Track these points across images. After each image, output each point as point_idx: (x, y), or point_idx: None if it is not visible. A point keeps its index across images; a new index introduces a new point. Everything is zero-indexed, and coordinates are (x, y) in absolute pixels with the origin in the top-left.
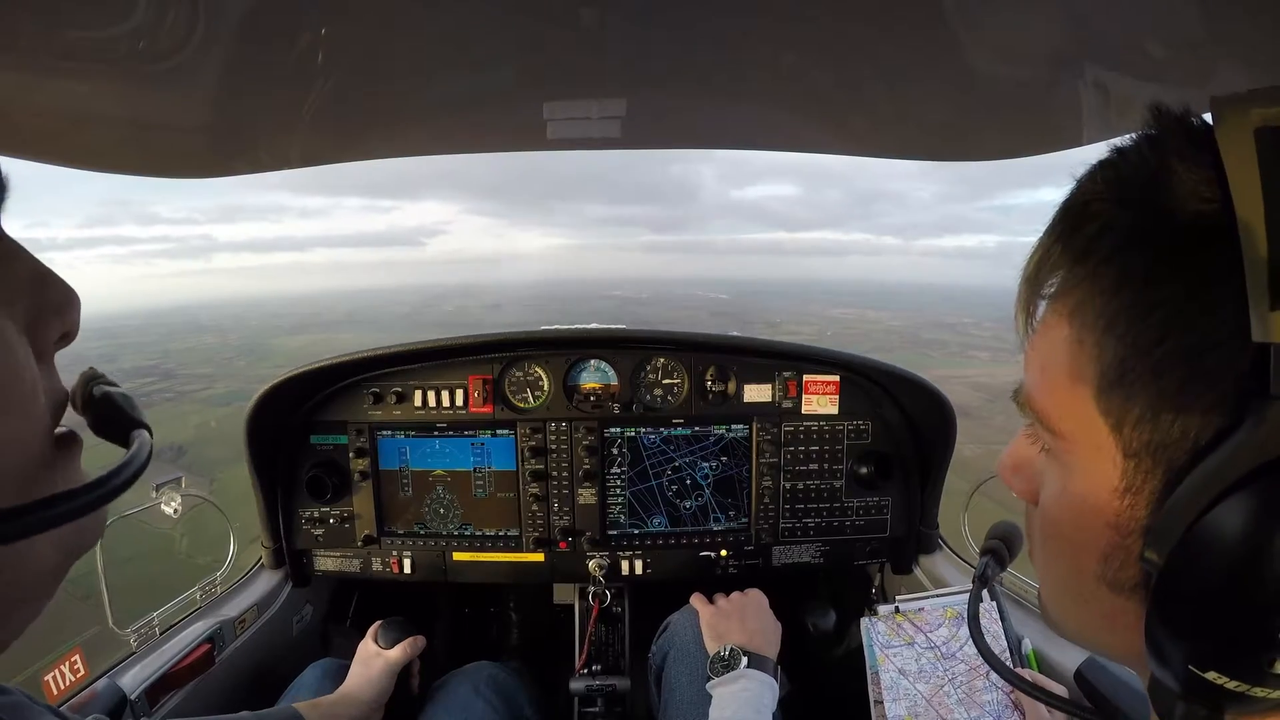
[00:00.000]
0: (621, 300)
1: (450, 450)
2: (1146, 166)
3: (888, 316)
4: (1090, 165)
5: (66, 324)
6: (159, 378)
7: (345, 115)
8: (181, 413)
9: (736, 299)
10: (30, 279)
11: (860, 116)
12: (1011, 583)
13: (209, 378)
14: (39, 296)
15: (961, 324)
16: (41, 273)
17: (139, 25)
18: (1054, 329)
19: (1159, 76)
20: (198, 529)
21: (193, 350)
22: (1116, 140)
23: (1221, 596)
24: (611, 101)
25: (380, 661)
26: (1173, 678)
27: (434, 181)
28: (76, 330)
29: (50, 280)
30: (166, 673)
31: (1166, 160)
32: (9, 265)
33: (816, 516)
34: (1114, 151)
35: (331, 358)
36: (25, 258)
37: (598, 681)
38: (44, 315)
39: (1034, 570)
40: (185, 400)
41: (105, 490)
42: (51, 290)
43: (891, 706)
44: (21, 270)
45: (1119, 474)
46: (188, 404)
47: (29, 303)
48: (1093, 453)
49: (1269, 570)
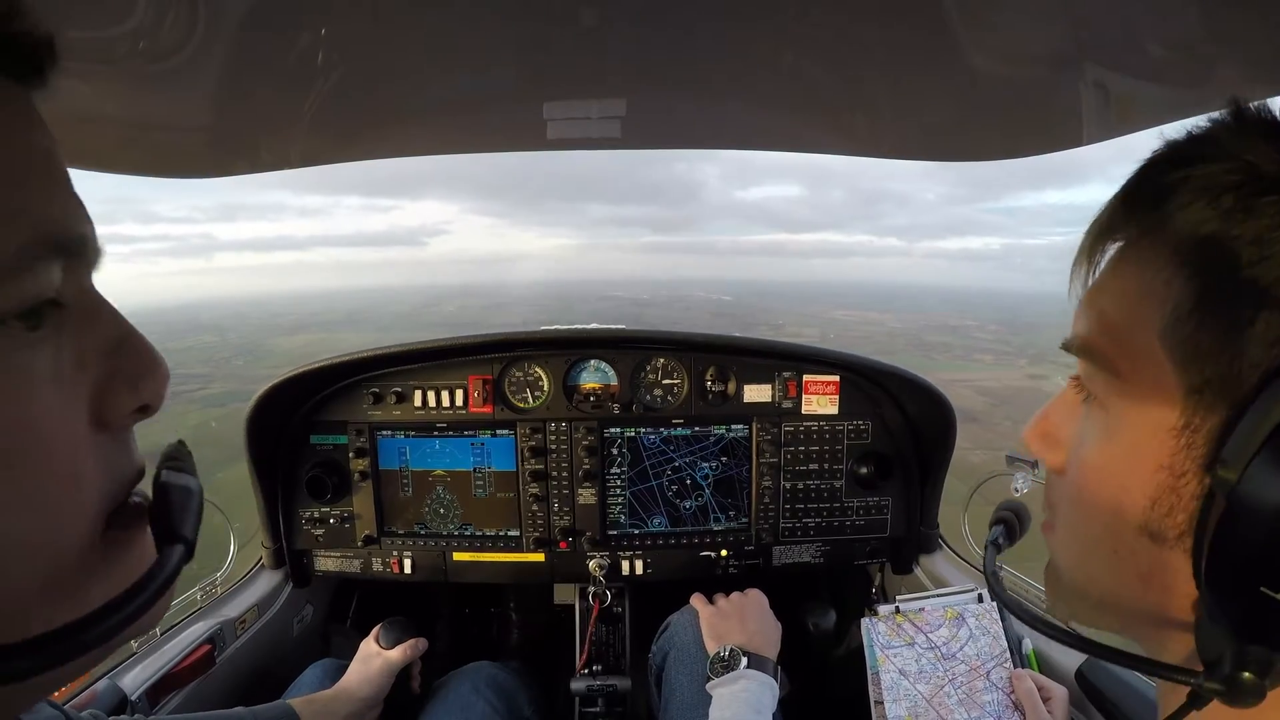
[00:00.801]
0: (622, 301)
1: (450, 450)
2: (1230, 132)
3: (890, 318)
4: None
5: (144, 396)
6: None
7: (345, 115)
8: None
9: (739, 300)
10: (110, 342)
11: (861, 116)
12: (1012, 583)
13: (205, 377)
14: (115, 363)
15: (965, 326)
16: (123, 338)
17: (139, 25)
18: (1121, 272)
19: (1159, 76)
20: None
21: (190, 349)
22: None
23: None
24: (611, 101)
25: (380, 661)
26: (1238, 609)
27: (434, 181)
28: (159, 403)
29: (131, 347)
30: (167, 673)
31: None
32: (88, 327)
33: (816, 516)
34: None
35: (331, 358)
36: (108, 321)
37: (598, 681)
38: (115, 384)
39: (1053, 544)
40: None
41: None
42: (130, 358)
43: (892, 707)
44: (103, 332)
45: (1178, 412)
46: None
47: (102, 369)
48: (1151, 392)
49: None
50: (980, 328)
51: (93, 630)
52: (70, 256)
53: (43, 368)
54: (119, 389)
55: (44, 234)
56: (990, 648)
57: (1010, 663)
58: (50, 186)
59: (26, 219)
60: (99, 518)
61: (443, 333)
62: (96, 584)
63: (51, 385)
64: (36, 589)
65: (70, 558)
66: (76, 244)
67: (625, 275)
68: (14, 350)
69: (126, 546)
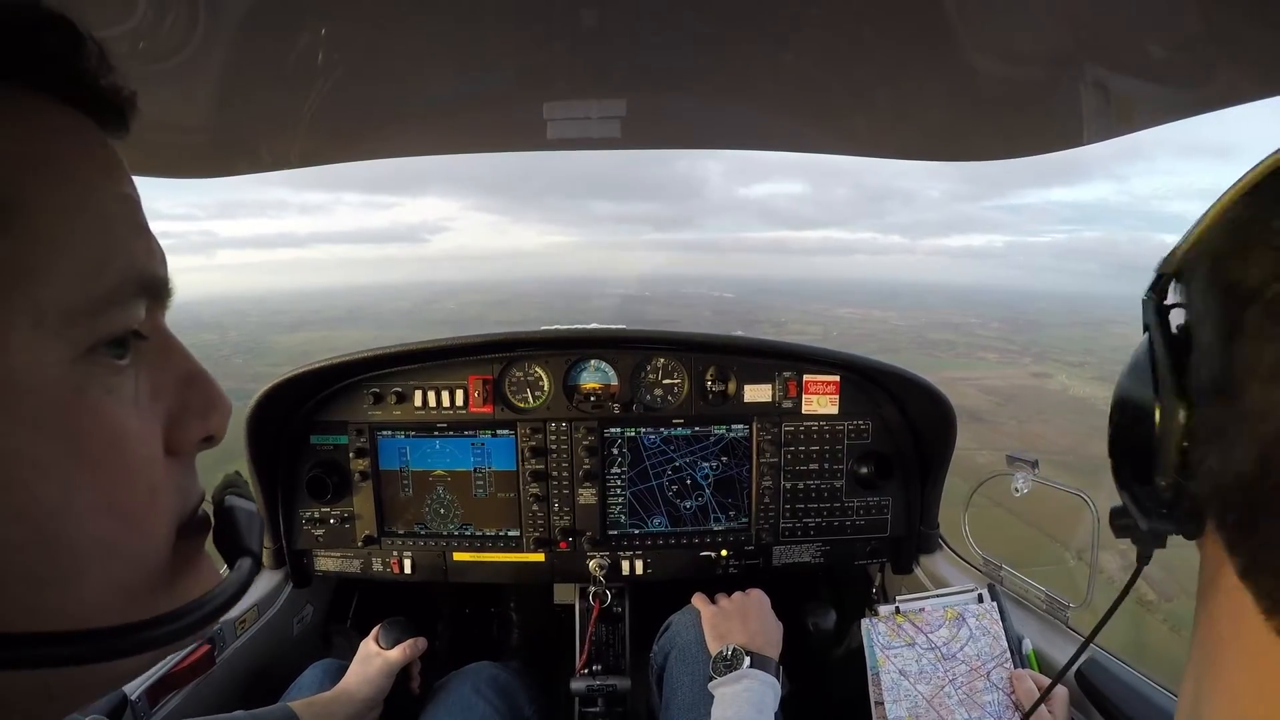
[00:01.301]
0: (624, 298)
1: (450, 450)
2: None
3: (893, 316)
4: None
5: (210, 428)
6: None
7: (345, 115)
8: None
9: (741, 298)
10: (183, 377)
11: (861, 117)
12: (1012, 583)
13: None
14: (187, 396)
15: (968, 324)
16: (193, 374)
17: (139, 25)
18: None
19: (1159, 76)
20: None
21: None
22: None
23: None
24: (611, 101)
25: (379, 661)
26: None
27: (436, 178)
28: (222, 435)
29: (200, 383)
30: (166, 673)
31: None
32: (163, 361)
33: (817, 516)
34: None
35: (332, 358)
36: (180, 357)
37: (598, 681)
38: (186, 415)
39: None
40: None
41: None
42: (198, 393)
43: (892, 708)
44: (177, 366)
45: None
46: None
47: (174, 401)
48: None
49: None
50: (983, 325)
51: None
52: (152, 296)
53: (126, 392)
54: (189, 420)
55: (134, 274)
56: (990, 648)
57: (1010, 663)
58: (137, 230)
59: (121, 259)
60: (171, 532)
61: (442, 330)
62: (164, 593)
63: (133, 409)
64: (113, 590)
65: (145, 565)
66: (159, 284)
67: (627, 272)
68: (105, 375)
69: (194, 562)
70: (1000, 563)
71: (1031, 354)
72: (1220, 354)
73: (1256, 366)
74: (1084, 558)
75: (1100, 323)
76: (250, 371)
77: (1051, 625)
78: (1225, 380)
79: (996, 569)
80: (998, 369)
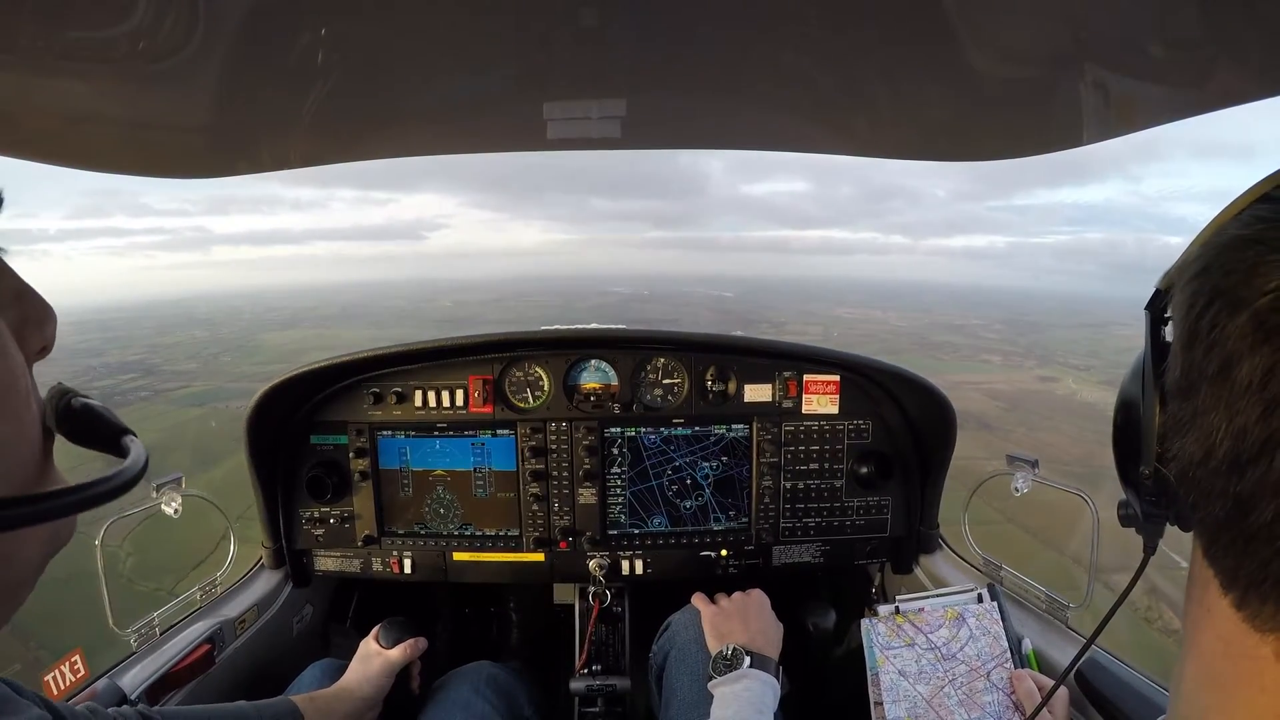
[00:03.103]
0: (622, 297)
1: (450, 450)
2: None
3: (894, 316)
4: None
5: (45, 338)
6: (141, 373)
7: (345, 115)
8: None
9: (740, 297)
10: (13, 293)
11: (860, 117)
12: (1011, 583)
13: (190, 375)
14: (21, 310)
15: (970, 325)
16: (22, 288)
17: (139, 26)
18: None
19: (1159, 76)
20: (144, 549)
21: (180, 345)
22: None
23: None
24: (611, 101)
25: (379, 660)
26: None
27: (431, 174)
28: (53, 344)
29: (30, 295)
30: (166, 673)
31: None
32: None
33: (817, 516)
34: None
35: (332, 358)
36: (8, 272)
37: (598, 681)
38: (27, 328)
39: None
40: (160, 399)
41: (120, 482)
42: (31, 305)
43: (891, 708)
44: (5, 284)
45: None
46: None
47: (13, 315)
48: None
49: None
50: (985, 327)
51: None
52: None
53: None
54: (30, 331)
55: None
56: (990, 648)
57: (1010, 663)
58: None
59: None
60: (42, 441)
61: (438, 328)
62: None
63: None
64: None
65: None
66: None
67: (625, 271)
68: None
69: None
70: (1000, 563)
71: (1036, 356)
72: (1182, 359)
73: (1205, 370)
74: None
75: (1104, 324)
76: (237, 370)
77: (1052, 625)
78: (1185, 382)
79: (996, 569)
80: (1002, 372)
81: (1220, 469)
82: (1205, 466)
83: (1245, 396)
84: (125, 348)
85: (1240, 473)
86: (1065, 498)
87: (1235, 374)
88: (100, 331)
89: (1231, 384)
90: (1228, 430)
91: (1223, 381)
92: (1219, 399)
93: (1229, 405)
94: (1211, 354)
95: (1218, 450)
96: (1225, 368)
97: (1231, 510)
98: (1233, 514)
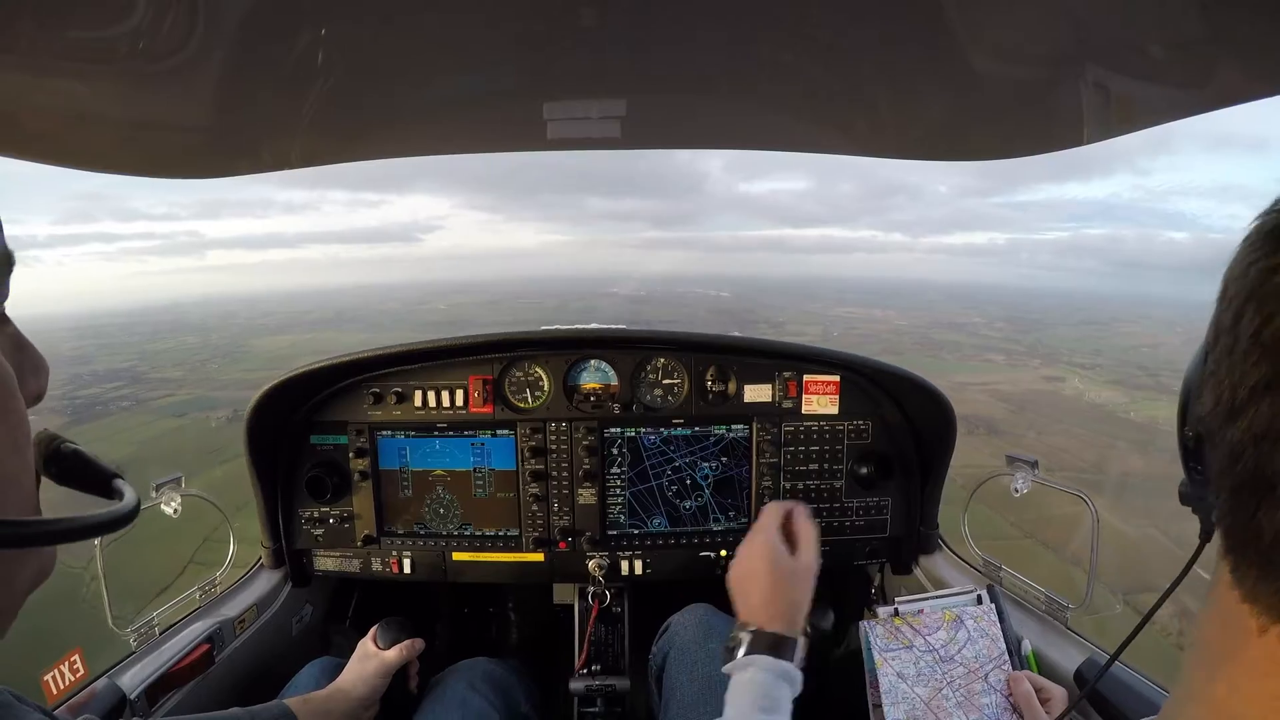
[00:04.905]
0: (619, 298)
1: (450, 450)
2: None
3: (894, 315)
4: None
5: (39, 387)
6: (127, 381)
7: (345, 116)
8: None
9: (738, 296)
10: (14, 344)
11: (860, 117)
12: (1011, 583)
13: (176, 383)
14: (20, 360)
15: (972, 324)
16: (21, 341)
17: (139, 26)
18: None
19: (1159, 76)
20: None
21: (170, 351)
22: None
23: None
24: (611, 101)
25: (376, 661)
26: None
27: (425, 174)
28: (44, 394)
29: (28, 346)
30: (166, 673)
31: None
32: (2, 328)
33: (816, 516)
34: None
35: (332, 358)
36: (10, 326)
37: (597, 681)
38: (24, 376)
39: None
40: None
41: (119, 514)
42: (29, 356)
43: (890, 710)
44: (6, 336)
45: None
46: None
47: (14, 364)
48: None
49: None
50: (987, 325)
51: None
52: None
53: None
54: (27, 379)
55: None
56: (989, 650)
57: (1008, 665)
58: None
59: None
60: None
61: (434, 332)
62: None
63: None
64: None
65: (25, 498)
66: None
67: (623, 271)
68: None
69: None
70: (1000, 563)
71: (1040, 355)
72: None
73: (1223, 324)
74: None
75: (1107, 321)
76: (224, 378)
77: (1051, 626)
78: (1212, 338)
79: (996, 570)
80: (1007, 372)
81: (1220, 417)
82: (1214, 418)
83: (1246, 344)
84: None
85: (1234, 420)
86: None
87: (1240, 325)
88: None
89: (1237, 334)
90: (1227, 380)
91: (1231, 331)
92: (1229, 349)
93: (1231, 354)
94: (1230, 308)
95: (1222, 400)
96: (1236, 319)
97: (1225, 461)
98: (1225, 464)
